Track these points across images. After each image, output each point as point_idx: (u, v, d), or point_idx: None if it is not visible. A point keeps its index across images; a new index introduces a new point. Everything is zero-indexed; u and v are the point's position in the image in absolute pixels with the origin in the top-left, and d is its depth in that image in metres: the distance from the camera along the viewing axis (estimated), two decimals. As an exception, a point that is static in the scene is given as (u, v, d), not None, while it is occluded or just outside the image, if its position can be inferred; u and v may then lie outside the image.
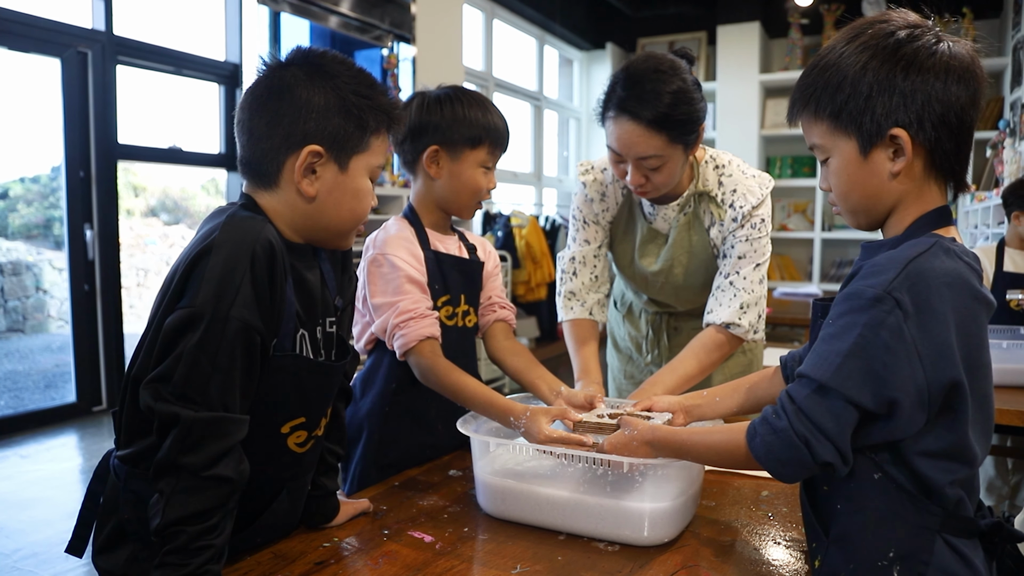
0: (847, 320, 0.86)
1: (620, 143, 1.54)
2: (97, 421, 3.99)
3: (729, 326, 1.65)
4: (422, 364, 1.42)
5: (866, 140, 0.91)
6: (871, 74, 0.89)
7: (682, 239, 1.73)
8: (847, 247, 7.19)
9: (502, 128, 1.54)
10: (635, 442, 1.11)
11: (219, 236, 0.94)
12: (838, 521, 0.93)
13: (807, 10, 6.87)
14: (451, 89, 1.53)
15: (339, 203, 1.07)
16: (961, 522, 0.89)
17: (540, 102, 7.24)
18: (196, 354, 0.90)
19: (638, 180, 1.58)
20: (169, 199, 7.37)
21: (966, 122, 0.90)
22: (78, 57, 3.73)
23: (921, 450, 0.87)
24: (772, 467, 0.91)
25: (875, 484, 0.90)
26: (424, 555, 1.10)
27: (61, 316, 4.70)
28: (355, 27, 4.88)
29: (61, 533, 2.78)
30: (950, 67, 0.88)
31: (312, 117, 1.02)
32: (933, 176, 0.93)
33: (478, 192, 1.54)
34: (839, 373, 0.85)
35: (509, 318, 1.65)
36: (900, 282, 0.83)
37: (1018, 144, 5.44)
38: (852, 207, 0.97)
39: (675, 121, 1.50)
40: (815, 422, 0.86)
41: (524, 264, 5.87)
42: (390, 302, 1.43)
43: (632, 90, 1.50)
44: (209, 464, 0.90)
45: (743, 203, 1.66)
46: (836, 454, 0.86)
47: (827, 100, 0.93)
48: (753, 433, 0.93)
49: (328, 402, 1.14)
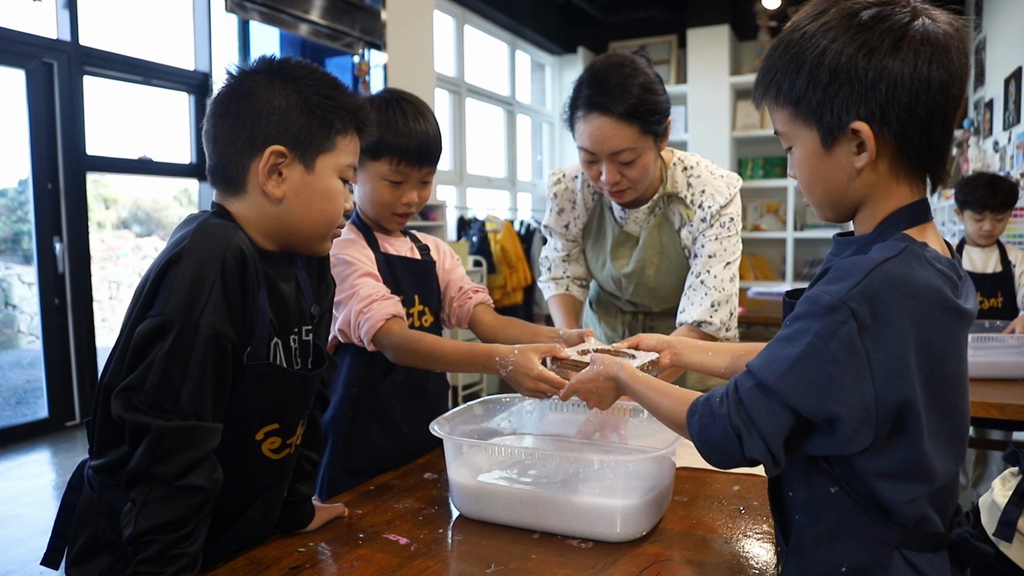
0: (801, 325, 0.81)
1: (592, 140, 1.56)
2: (70, 436, 3.93)
3: (701, 324, 1.68)
4: (393, 341, 1.38)
5: (827, 133, 0.84)
6: (831, 58, 0.81)
7: (653, 240, 1.75)
8: (819, 246, 7.28)
9: (411, 144, 1.43)
10: (600, 377, 1.12)
11: (189, 243, 0.94)
12: (795, 531, 0.91)
13: (775, 12, 6.96)
14: (387, 93, 1.50)
15: (308, 204, 1.07)
16: (924, 537, 0.84)
17: (512, 107, 7.26)
18: (167, 363, 0.90)
19: (613, 177, 1.59)
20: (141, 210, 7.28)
21: (938, 112, 0.82)
22: (43, 68, 3.69)
23: (875, 470, 0.83)
24: (702, 448, 0.89)
25: (831, 497, 0.86)
26: (399, 557, 1.10)
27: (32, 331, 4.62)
28: (325, 34, 4.87)
29: (34, 551, 2.74)
30: (920, 51, 0.80)
31: (274, 118, 1.03)
32: (903, 171, 0.85)
33: (385, 206, 1.48)
34: (784, 378, 0.81)
35: (486, 299, 1.65)
36: (860, 291, 0.78)
37: (982, 143, 5.56)
38: (817, 200, 0.92)
39: (644, 111, 1.54)
40: (752, 417, 0.82)
41: (500, 269, 5.88)
42: (349, 294, 1.42)
43: (599, 86, 1.53)
44: (181, 473, 0.90)
45: (711, 203, 1.69)
46: (766, 452, 0.83)
47: (787, 86, 0.86)
48: (693, 410, 0.90)
49: (304, 410, 1.14)
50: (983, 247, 3.09)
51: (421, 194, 1.50)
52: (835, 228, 7.02)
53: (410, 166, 1.45)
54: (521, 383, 1.25)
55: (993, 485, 1.58)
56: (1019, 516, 1.46)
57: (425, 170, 1.48)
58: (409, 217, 1.53)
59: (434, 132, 1.48)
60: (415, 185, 1.48)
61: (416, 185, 1.49)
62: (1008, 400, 2.13)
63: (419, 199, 1.50)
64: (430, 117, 1.49)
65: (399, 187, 1.47)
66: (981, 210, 2.96)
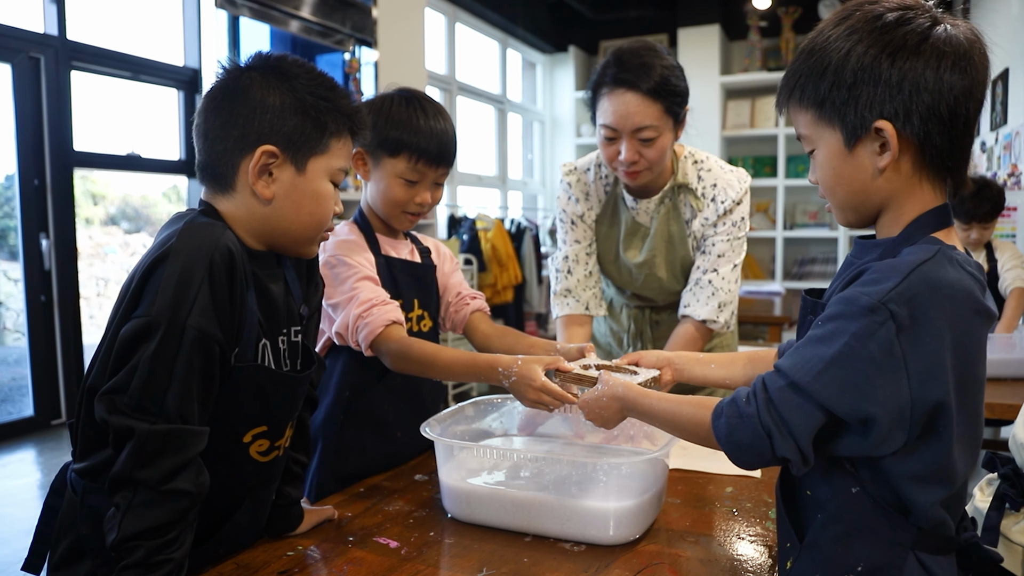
0: (837, 325, 0.82)
1: (618, 115, 1.60)
2: (56, 435, 3.89)
3: (706, 322, 1.74)
4: (392, 349, 1.37)
5: (850, 132, 0.86)
6: (855, 60, 0.84)
7: (662, 230, 1.79)
8: (809, 245, 7.31)
9: (432, 144, 1.43)
10: (604, 397, 1.10)
11: (176, 243, 0.93)
12: (812, 529, 0.91)
13: (765, 13, 6.98)
14: (405, 91, 1.49)
15: (298, 206, 1.05)
16: (938, 540, 0.86)
17: (504, 105, 7.24)
18: (152, 365, 0.89)
19: (632, 156, 1.62)
20: (129, 207, 7.22)
21: (960, 114, 0.83)
22: (30, 63, 3.64)
23: (904, 472, 0.84)
24: (730, 450, 0.89)
25: (851, 497, 0.87)
26: (390, 561, 1.09)
27: (17, 328, 4.58)
28: (316, 31, 4.85)
29: (18, 552, 2.71)
30: (943, 53, 0.82)
31: (267, 117, 1.01)
32: (925, 173, 0.86)
33: (398, 204, 1.47)
34: (819, 379, 0.81)
35: (483, 307, 1.64)
36: (899, 293, 0.78)
37: (970, 142, 5.58)
38: (840, 203, 0.92)
39: (668, 90, 1.60)
40: (783, 416, 0.83)
41: (490, 267, 5.86)
42: (348, 296, 1.40)
43: (626, 64, 1.59)
44: (166, 478, 0.89)
45: (724, 197, 1.74)
46: (797, 451, 0.83)
47: (811, 88, 0.88)
48: (719, 413, 0.90)
49: (293, 412, 1.12)
50: (971, 251, 3.10)
51: (434, 195, 1.50)
52: (824, 229, 7.06)
53: (428, 165, 1.45)
54: (524, 394, 1.24)
55: (973, 492, 1.59)
56: (1000, 520, 1.47)
57: (441, 170, 1.48)
58: (420, 218, 1.52)
59: (452, 133, 1.49)
60: (429, 185, 1.48)
61: (430, 186, 1.48)
62: (996, 399, 2.14)
63: (432, 200, 1.49)
64: (447, 118, 1.49)
65: (414, 186, 1.46)
66: (968, 220, 2.96)
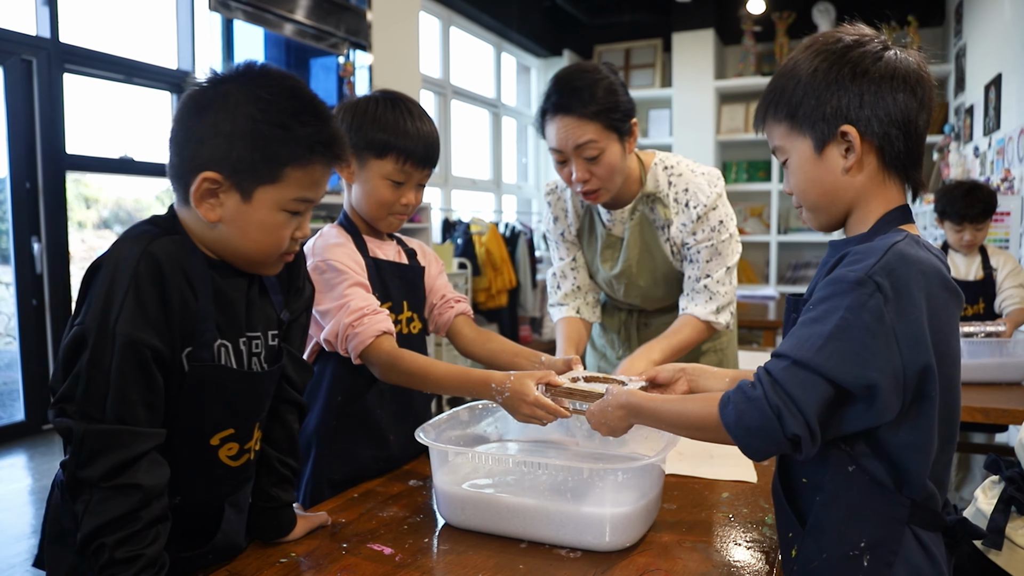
0: (829, 304, 0.89)
1: (558, 138, 1.63)
2: (47, 439, 3.86)
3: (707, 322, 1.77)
4: (382, 360, 1.37)
5: (819, 137, 0.97)
6: (821, 74, 0.95)
7: (635, 240, 1.81)
8: (803, 249, 7.33)
9: (418, 145, 1.44)
10: (611, 407, 1.13)
11: (106, 253, 0.96)
12: (814, 512, 0.96)
13: (759, 18, 7.00)
14: (386, 93, 1.48)
15: (244, 233, 1.03)
16: (929, 515, 0.93)
17: (498, 109, 7.24)
18: (90, 372, 0.91)
19: (583, 175, 1.65)
20: (123, 210, 7.19)
21: (912, 121, 0.95)
22: (22, 65, 3.63)
23: (901, 442, 0.90)
24: (741, 436, 0.92)
25: (848, 476, 0.93)
26: (384, 568, 1.08)
27: (8, 332, 4.55)
28: (310, 35, 4.84)
29: (9, 557, 2.68)
30: (896, 73, 0.94)
31: (216, 143, 0.98)
32: (888, 174, 0.97)
33: (384, 205, 1.47)
34: (820, 353, 0.87)
35: (467, 310, 1.65)
36: (881, 267, 0.87)
37: (963, 148, 5.61)
38: (811, 204, 1.01)
39: (606, 109, 1.60)
40: (790, 393, 0.87)
41: (484, 271, 5.86)
42: (338, 304, 1.39)
43: (564, 90, 1.61)
44: (108, 475, 0.90)
45: (696, 202, 1.74)
46: (805, 427, 0.87)
47: (784, 102, 0.99)
48: (726, 401, 0.94)
49: (258, 413, 1.11)
50: (965, 254, 3.10)
51: (417, 196, 1.51)
52: (818, 233, 7.05)
53: (415, 167, 1.46)
54: (517, 408, 1.25)
55: (976, 495, 1.59)
56: (1006, 522, 1.47)
57: (426, 171, 1.50)
58: (404, 219, 1.52)
59: (436, 135, 1.51)
60: (414, 187, 1.50)
61: (415, 187, 1.50)
62: (991, 404, 2.14)
63: (415, 200, 1.51)
64: (430, 120, 1.51)
65: (400, 188, 1.47)
66: (960, 221, 2.97)
